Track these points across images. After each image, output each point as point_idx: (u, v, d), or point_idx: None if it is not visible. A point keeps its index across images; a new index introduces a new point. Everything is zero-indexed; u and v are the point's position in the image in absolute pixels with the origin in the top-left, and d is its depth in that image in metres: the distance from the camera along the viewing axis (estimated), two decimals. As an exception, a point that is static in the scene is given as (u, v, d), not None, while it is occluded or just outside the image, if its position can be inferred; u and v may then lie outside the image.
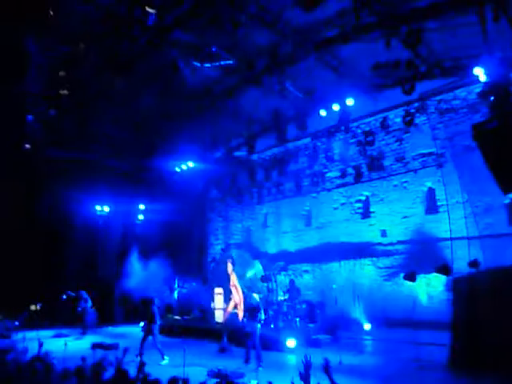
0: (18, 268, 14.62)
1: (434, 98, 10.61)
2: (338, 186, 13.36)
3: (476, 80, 8.62)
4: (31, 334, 11.14)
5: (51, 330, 13.45)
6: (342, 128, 11.78)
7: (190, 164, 14.66)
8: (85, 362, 5.81)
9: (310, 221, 14.15)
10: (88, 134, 13.42)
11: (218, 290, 13.64)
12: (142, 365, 6.64)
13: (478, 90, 9.67)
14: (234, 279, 12.22)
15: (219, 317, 13.17)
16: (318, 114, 10.81)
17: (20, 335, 10.87)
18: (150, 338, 9.38)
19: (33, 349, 7.51)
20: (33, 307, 15.39)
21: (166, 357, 9.14)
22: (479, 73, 8.12)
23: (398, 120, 11.64)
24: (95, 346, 9.71)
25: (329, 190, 13.61)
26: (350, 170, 12.98)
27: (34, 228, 15.56)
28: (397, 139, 12.08)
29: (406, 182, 11.86)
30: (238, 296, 11.92)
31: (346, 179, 13.16)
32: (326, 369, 4.32)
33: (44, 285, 14.96)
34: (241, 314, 11.72)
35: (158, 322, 9.60)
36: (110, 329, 15.24)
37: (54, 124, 13.39)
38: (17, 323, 13.55)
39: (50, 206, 15.59)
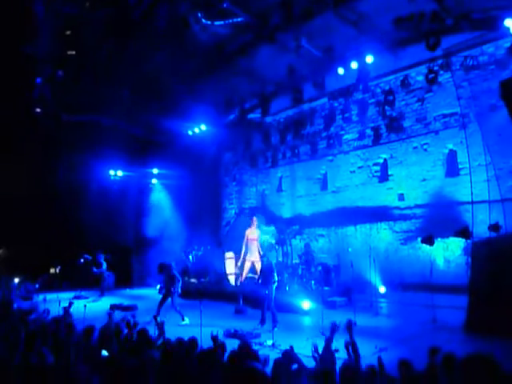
0: (37, 232, 15.11)
1: (460, 53, 10.10)
2: (356, 149, 13.11)
3: (506, 33, 8.18)
4: (51, 296, 11.64)
5: (70, 292, 13.99)
6: (361, 87, 11.43)
7: (203, 127, 14.56)
8: (111, 318, 6.03)
9: (325, 185, 14.04)
10: (99, 97, 13.34)
11: (229, 255, 13.94)
12: (161, 324, 6.87)
13: (507, 44, 9.18)
14: (257, 234, 12.41)
15: (232, 280, 13.51)
16: (336, 72, 10.49)
17: (41, 297, 11.37)
18: (169, 300, 9.69)
19: (53, 310, 7.85)
20: (52, 270, 16.02)
21: (186, 318, 9.46)
22: (511, 25, 7.68)
23: (420, 78, 11.24)
24: (114, 308, 10.09)
25: (346, 153, 13.38)
26: (369, 132, 12.72)
27: (51, 193, 15.93)
28: (418, 99, 11.67)
29: (426, 143, 11.55)
30: (256, 254, 12.13)
31: (363, 141, 12.92)
32: (349, 327, 4.45)
33: (63, 248, 15.46)
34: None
35: (179, 283, 9.88)
36: (128, 291, 15.81)
37: (63, 87, 13.31)
38: (37, 286, 14.13)
39: (65, 170, 15.84)
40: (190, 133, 14.92)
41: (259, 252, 12.02)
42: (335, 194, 13.57)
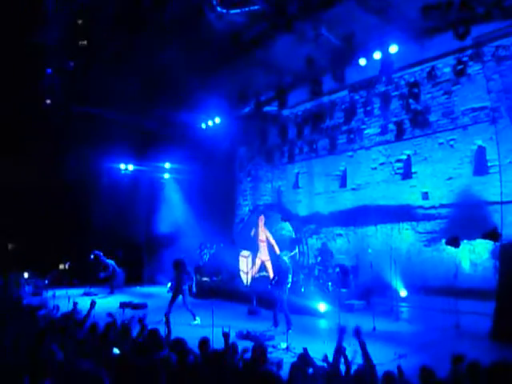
0: (46, 227, 15.43)
1: (491, 43, 9.89)
2: (377, 144, 12.98)
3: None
4: (61, 292, 11.89)
5: (80, 289, 14.28)
6: (384, 79, 11.30)
7: (217, 120, 14.59)
8: (113, 318, 6.14)
9: (345, 182, 13.96)
10: (110, 89, 13.50)
11: (243, 253, 14.03)
12: (168, 324, 6.94)
13: (543, 33, 8.99)
14: (266, 234, 12.59)
15: (245, 279, 13.61)
16: (357, 63, 10.35)
17: (50, 293, 11.63)
18: (180, 298, 9.81)
19: (63, 306, 8.03)
20: (61, 266, 16.36)
21: (197, 317, 9.56)
22: (546, 12, 7.49)
23: (448, 70, 11.05)
24: (123, 305, 10.26)
25: (367, 149, 13.26)
26: (391, 127, 12.57)
27: (60, 187, 16.23)
28: (445, 92, 11.47)
29: (453, 139, 11.36)
30: (265, 253, 12.30)
31: (386, 136, 12.78)
32: (357, 334, 4.38)
33: (72, 244, 15.77)
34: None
35: (193, 282, 10.04)
36: (138, 289, 16.04)
37: (74, 78, 13.53)
38: (46, 281, 14.46)
39: (75, 164, 16.08)
40: (203, 126, 14.98)
41: (275, 251, 12.14)
42: (355, 192, 13.48)
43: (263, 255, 12.38)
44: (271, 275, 12.58)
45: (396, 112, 12.44)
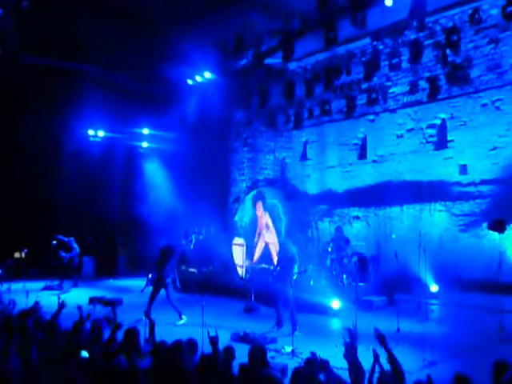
0: (-2, 207, 15.34)
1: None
2: (405, 106, 12.84)
3: None
4: (17, 286, 11.91)
5: (40, 282, 14.32)
6: (414, 24, 11.08)
7: (207, 75, 14.40)
8: (81, 313, 6.13)
9: (364, 152, 13.89)
10: (76, 37, 13.27)
11: (238, 240, 14.10)
12: (152, 325, 6.97)
13: None
14: (267, 219, 12.69)
15: (240, 271, 13.73)
16: (382, 3, 10.17)
17: (4, 286, 11.65)
18: (162, 293, 9.84)
19: (20, 302, 8.02)
20: (17, 254, 16.30)
21: (183, 316, 9.61)
22: None
23: (495, 12, 10.80)
24: (94, 301, 10.29)
25: (392, 111, 13.12)
26: (423, 84, 12.39)
27: (15, 157, 16.06)
28: (491, 40, 11.23)
29: (499, 99, 11.18)
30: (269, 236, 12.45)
31: (416, 96, 12.62)
32: (382, 340, 4.32)
33: (30, 228, 15.69)
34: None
35: (176, 274, 10.13)
36: (112, 282, 16.13)
37: (30, 22, 13.22)
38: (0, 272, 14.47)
39: (33, 129, 15.87)
40: (189, 82, 14.79)
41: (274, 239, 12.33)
42: (376, 165, 13.45)
43: (268, 237, 12.57)
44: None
45: (429, 66, 12.25)
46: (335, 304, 10.17)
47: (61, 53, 13.99)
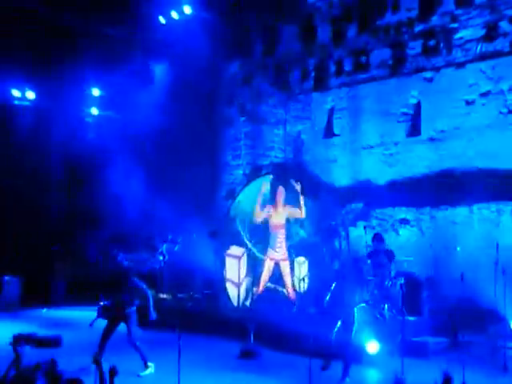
0: None
1: None
2: (478, 59, 12.76)
3: None
4: None
5: None
6: None
7: (187, 10, 14.36)
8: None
9: (417, 126, 13.84)
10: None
11: (234, 251, 14.06)
12: (112, 373, 6.95)
13: None
14: (286, 216, 12.85)
15: (235, 296, 13.73)
16: None
17: None
18: (121, 329, 9.78)
19: None
20: None
21: (150, 363, 9.59)
22: None
23: None
24: (20, 340, 10.24)
25: (459, 66, 13.02)
26: (505, 26, 12.34)
27: None
28: None
29: None
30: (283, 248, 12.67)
31: (494, 44, 12.56)
32: None
33: None
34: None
35: (150, 301, 10.03)
36: (45, 311, 16.11)
37: None
38: None
39: None
40: (162, 21, 14.74)
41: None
42: (435, 145, 13.42)
43: (279, 252, 12.57)
44: (289, 287, 12.82)
45: (515, -1, 12.20)
46: (372, 347, 10.12)
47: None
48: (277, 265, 12.83)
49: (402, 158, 13.91)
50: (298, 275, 12.96)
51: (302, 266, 13.21)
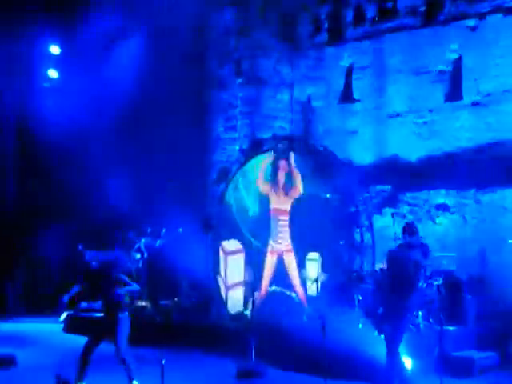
0: None
1: None
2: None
3: None
4: None
5: None
6: None
7: None
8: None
9: (458, 87, 13.85)
10: None
11: (229, 246, 14.16)
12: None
13: None
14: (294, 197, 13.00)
15: (232, 303, 13.77)
16: None
17: None
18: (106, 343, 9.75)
19: None
20: None
21: (135, 381, 9.63)
22: None
23: None
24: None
25: (508, 12, 13.01)
26: None
27: None
28: None
29: None
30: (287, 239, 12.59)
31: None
32: None
33: None
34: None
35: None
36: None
37: None
38: None
39: None
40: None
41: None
42: (480, 112, 13.44)
43: (281, 243, 12.69)
44: (297, 286, 12.92)
45: None
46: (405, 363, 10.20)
47: None
48: (281, 259, 12.86)
49: (439, 128, 13.91)
50: (309, 276, 12.96)
51: (315, 263, 13.20)
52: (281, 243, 12.89)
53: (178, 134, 16.71)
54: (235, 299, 13.74)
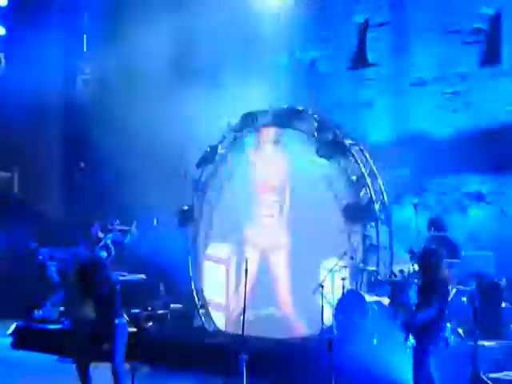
0: None
1: None
2: None
3: None
4: None
5: None
6: None
7: None
8: None
9: (495, 50, 13.89)
10: None
11: (219, 251, 14.21)
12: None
13: None
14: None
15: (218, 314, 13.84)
16: None
17: None
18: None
19: None
20: None
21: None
22: None
23: None
24: None
25: None
26: None
27: None
28: None
29: None
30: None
31: None
32: None
33: None
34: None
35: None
36: None
37: None
38: None
39: None
40: None
41: None
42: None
43: (265, 233, 12.57)
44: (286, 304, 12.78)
45: None
46: (430, 386, 10.13)
47: None
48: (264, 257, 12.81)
49: (473, 99, 13.96)
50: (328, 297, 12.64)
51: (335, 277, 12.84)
52: (264, 232, 12.70)
53: (149, 110, 16.76)
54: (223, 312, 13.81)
